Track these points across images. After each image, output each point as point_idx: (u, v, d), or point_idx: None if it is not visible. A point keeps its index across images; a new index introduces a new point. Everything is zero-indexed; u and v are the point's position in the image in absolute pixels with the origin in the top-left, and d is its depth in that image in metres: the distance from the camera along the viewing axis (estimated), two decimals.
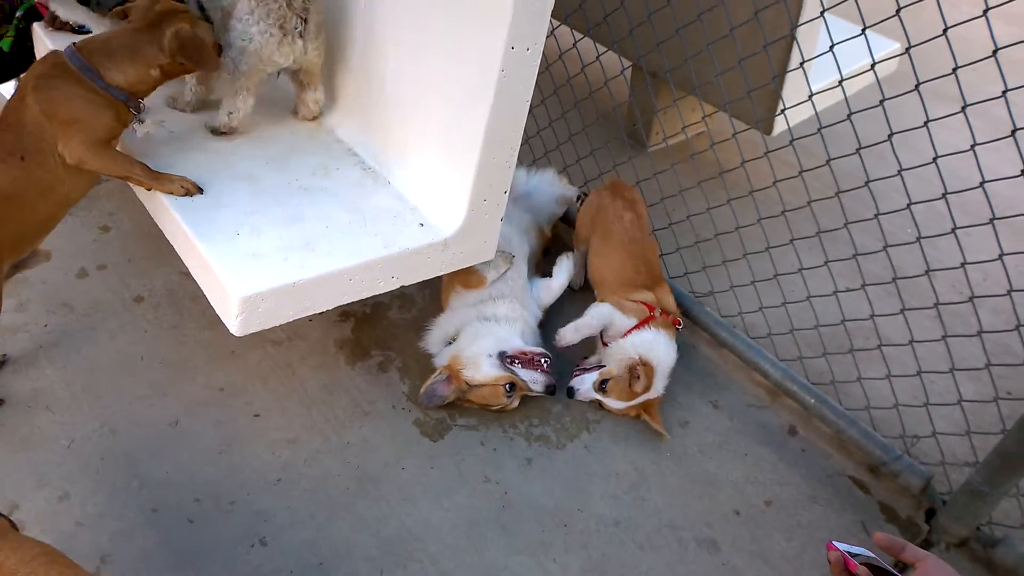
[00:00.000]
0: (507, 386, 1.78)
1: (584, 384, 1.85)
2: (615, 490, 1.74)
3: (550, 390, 1.80)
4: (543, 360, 1.81)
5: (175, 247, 1.67)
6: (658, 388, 1.81)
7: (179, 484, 1.68)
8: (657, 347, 1.83)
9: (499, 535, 1.63)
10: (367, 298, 1.62)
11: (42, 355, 1.90)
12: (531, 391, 1.81)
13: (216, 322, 1.56)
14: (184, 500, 1.65)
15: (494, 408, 1.84)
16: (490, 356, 1.77)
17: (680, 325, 1.94)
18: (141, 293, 2.13)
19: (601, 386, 1.82)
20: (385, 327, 2.10)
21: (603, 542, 1.63)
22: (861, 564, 0.87)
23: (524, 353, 1.80)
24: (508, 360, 1.79)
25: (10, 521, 1.22)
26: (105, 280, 2.16)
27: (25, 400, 1.80)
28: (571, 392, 1.86)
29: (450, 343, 1.89)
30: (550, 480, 1.75)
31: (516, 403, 1.84)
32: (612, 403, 1.83)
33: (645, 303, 1.90)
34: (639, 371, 1.76)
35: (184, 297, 2.11)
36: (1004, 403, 1.65)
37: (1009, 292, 1.52)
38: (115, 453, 1.73)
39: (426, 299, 2.17)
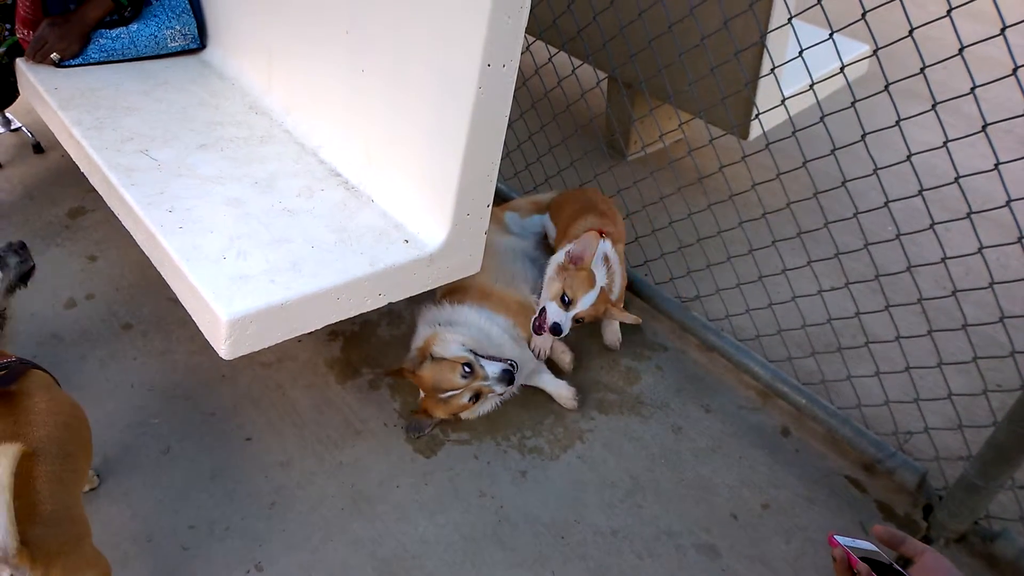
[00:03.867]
0: (464, 367, 1.71)
1: (560, 316, 1.81)
2: (611, 499, 1.73)
3: (507, 376, 1.73)
4: (509, 363, 1.77)
5: (162, 273, 1.68)
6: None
7: (172, 511, 1.67)
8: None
9: (496, 550, 1.63)
10: (356, 316, 1.63)
11: None
12: (486, 381, 1.73)
13: (205, 346, 1.55)
14: (178, 527, 1.64)
15: (447, 398, 1.74)
16: (463, 345, 1.77)
17: (604, 235, 1.93)
18: (129, 321, 2.13)
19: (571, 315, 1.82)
20: (374, 344, 2.10)
21: (601, 552, 1.63)
22: (862, 560, 0.86)
23: (492, 357, 1.78)
24: (475, 354, 1.76)
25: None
26: (93, 309, 2.16)
27: None
28: (557, 329, 1.81)
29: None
30: (545, 492, 1.74)
31: (466, 398, 1.74)
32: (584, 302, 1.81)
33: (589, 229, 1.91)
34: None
35: (172, 323, 2.11)
36: (994, 395, 1.66)
37: (991, 284, 1.53)
38: (106, 481, 1.72)
39: (414, 315, 2.16)
